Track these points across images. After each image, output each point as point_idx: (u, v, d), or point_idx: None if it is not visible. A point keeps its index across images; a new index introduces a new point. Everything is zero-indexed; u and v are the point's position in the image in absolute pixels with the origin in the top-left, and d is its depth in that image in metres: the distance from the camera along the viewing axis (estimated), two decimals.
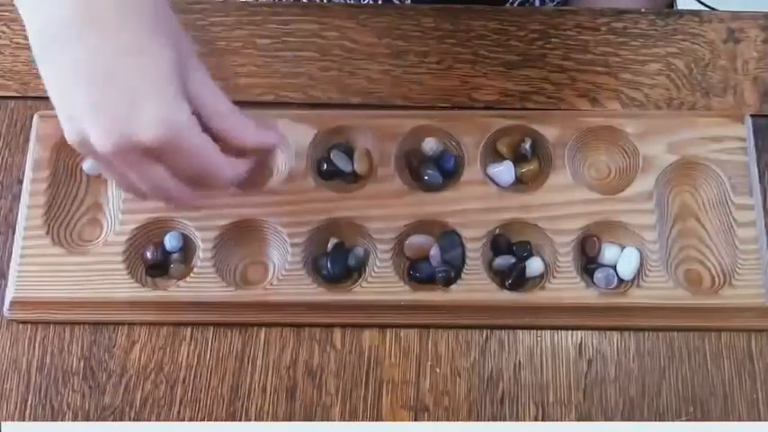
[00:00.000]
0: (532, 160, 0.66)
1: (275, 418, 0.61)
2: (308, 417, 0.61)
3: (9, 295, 0.64)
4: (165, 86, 0.49)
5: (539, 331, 0.63)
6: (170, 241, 0.64)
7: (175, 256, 0.64)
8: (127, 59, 0.49)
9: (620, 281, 0.63)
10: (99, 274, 0.63)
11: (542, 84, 0.70)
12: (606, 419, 0.61)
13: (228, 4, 0.74)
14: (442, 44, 0.72)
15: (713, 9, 0.89)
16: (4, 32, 0.73)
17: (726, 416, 0.61)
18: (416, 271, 0.63)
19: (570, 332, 0.63)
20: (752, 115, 0.67)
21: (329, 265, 0.63)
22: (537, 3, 0.83)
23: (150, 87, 0.49)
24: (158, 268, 0.64)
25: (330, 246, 0.64)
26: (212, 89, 0.53)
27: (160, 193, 0.53)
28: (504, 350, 0.63)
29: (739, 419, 0.60)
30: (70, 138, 0.51)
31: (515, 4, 0.81)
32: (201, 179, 0.53)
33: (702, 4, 1.01)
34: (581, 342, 0.63)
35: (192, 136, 0.50)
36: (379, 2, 0.79)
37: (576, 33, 0.72)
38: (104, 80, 0.49)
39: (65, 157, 0.67)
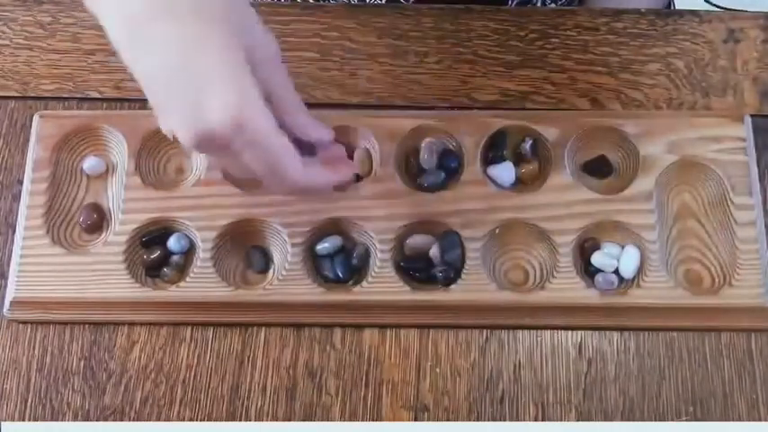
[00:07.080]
0: (532, 160, 0.66)
1: (275, 418, 0.61)
2: (308, 417, 0.61)
3: (9, 295, 0.64)
4: (232, 72, 0.49)
5: (539, 331, 0.63)
6: (174, 243, 0.64)
7: (175, 257, 0.64)
8: (196, 48, 0.49)
9: (621, 281, 0.63)
10: (99, 274, 0.63)
11: (542, 84, 0.70)
12: (606, 419, 0.61)
13: None
14: (442, 44, 0.72)
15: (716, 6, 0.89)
16: (4, 32, 0.73)
17: (726, 416, 0.60)
18: (416, 271, 0.63)
19: (570, 332, 0.63)
20: (752, 115, 0.67)
21: (331, 266, 0.63)
22: (538, 3, 0.83)
23: (217, 74, 0.49)
24: (158, 269, 0.64)
25: (330, 246, 0.64)
26: (284, 80, 0.53)
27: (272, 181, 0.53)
28: (504, 350, 0.63)
29: (739, 419, 0.60)
30: (166, 132, 0.51)
31: (514, 4, 0.81)
32: (276, 173, 0.52)
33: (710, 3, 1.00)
34: (581, 342, 0.63)
35: (262, 119, 0.50)
36: (381, 1, 0.79)
37: (576, 33, 0.72)
38: (177, 72, 0.49)
39: (65, 157, 0.67)
